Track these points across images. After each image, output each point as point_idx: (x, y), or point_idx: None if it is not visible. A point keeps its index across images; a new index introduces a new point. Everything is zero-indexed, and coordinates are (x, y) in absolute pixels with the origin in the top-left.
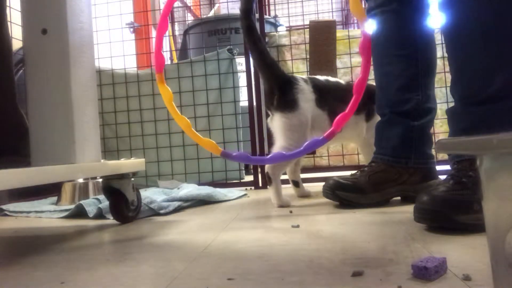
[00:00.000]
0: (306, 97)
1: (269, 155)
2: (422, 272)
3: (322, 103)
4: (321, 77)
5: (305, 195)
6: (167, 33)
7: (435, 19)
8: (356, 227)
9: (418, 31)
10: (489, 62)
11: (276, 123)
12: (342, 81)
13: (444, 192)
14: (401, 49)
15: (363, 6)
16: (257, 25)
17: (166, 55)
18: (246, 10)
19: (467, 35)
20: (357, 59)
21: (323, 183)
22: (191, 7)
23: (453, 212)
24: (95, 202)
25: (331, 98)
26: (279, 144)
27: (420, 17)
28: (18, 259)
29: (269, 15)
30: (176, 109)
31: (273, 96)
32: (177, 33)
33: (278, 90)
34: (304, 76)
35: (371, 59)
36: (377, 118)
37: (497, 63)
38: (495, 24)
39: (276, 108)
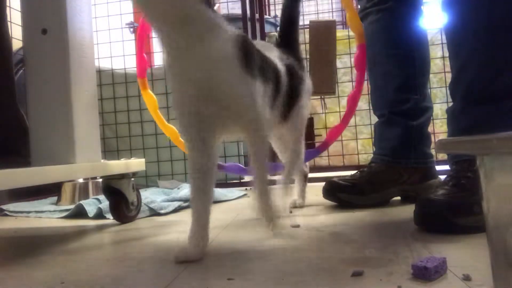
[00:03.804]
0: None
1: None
2: (422, 272)
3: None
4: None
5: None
6: None
7: (436, 19)
8: (356, 227)
9: (414, 30)
10: (490, 62)
11: None
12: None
13: (443, 195)
14: (397, 48)
15: (355, 6)
16: (257, 25)
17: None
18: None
19: (469, 35)
20: None
21: (323, 183)
22: None
23: (453, 216)
24: (95, 202)
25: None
26: None
27: (415, 15)
28: (18, 259)
29: (269, 15)
30: (162, 118)
31: None
32: None
33: None
34: None
35: (366, 58)
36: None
37: (498, 64)
38: (497, 24)
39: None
